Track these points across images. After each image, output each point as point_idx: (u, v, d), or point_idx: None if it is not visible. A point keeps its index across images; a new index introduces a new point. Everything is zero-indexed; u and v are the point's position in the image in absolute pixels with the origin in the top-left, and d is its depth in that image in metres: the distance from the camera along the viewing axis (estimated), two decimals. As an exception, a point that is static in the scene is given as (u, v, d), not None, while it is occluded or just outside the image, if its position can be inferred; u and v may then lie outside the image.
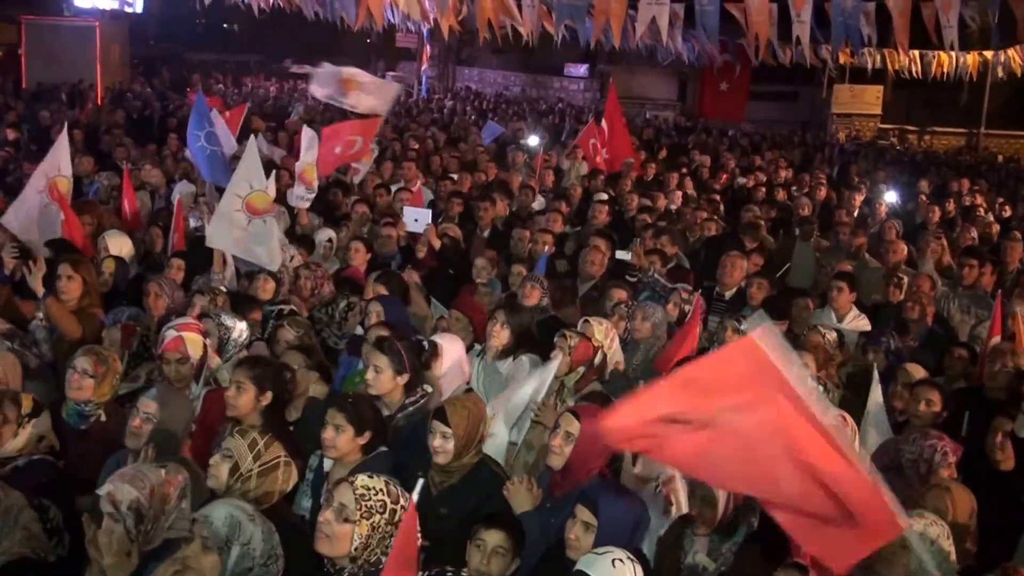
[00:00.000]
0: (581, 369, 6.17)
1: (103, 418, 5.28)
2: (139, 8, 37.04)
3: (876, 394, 6.19)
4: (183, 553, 3.64)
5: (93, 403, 5.26)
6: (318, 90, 14.06)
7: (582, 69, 41.57)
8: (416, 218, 9.77)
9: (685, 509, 4.84)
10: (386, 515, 3.75)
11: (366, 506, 3.73)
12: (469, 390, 6.02)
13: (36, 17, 31.83)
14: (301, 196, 10.30)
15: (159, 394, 4.92)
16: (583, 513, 4.27)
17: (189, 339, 5.72)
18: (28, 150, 15.01)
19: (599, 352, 6.33)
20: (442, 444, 4.77)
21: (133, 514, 3.76)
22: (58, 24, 32.00)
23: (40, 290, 6.54)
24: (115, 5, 35.02)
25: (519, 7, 15.04)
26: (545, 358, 6.69)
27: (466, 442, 4.80)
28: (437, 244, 9.46)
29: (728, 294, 8.98)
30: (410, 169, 13.38)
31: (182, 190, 11.91)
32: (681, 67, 31.63)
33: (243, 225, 8.34)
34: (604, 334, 6.52)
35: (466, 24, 15.79)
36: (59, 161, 9.05)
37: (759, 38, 13.41)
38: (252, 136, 9.24)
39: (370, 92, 13.53)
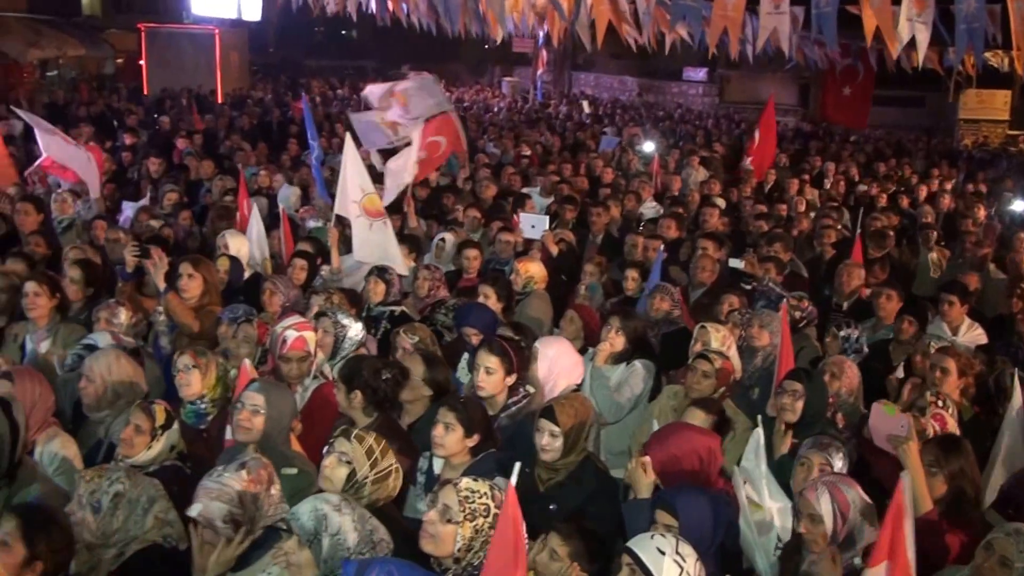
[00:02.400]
0: (722, 389, 6.09)
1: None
2: (258, 16, 37.87)
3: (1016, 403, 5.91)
4: (285, 547, 3.75)
5: (208, 399, 5.41)
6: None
7: (701, 73, 41.17)
8: (533, 224, 9.77)
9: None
10: (489, 519, 3.80)
11: (470, 508, 3.80)
12: (576, 390, 5.97)
13: (156, 25, 32.71)
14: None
15: (263, 387, 4.98)
16: (663, 517, 4.22)
17: (309, 338, 5.86)
18: (146, 154, 15.48)
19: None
20: (550, 442, 4.80)
21: (230, 525, 3.88)
22: (178, 32, 32.83)
23: (162, 285, 6.69)
24: (234, 13, 35.86)
25: (635, 13, 14.85)
26: (667, 367, 6.61)
27: (574, 440, 4.82)
28: (555, 251, 9.45)
29: (845, 303, 8.75)
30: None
31: (285, 194, 12.11)
32: (803, 71, 31.02)
33: (367, 228, 8.59)
34: (721, 341, 6.44)
35: (578, 32, 15.69)
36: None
37: (882, 39, 12.96)
38: (347, 137, 9.30)
39: (417, 95, 13.11)
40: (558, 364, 5.98)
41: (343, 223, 8.88)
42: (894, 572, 3.73)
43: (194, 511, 3.89)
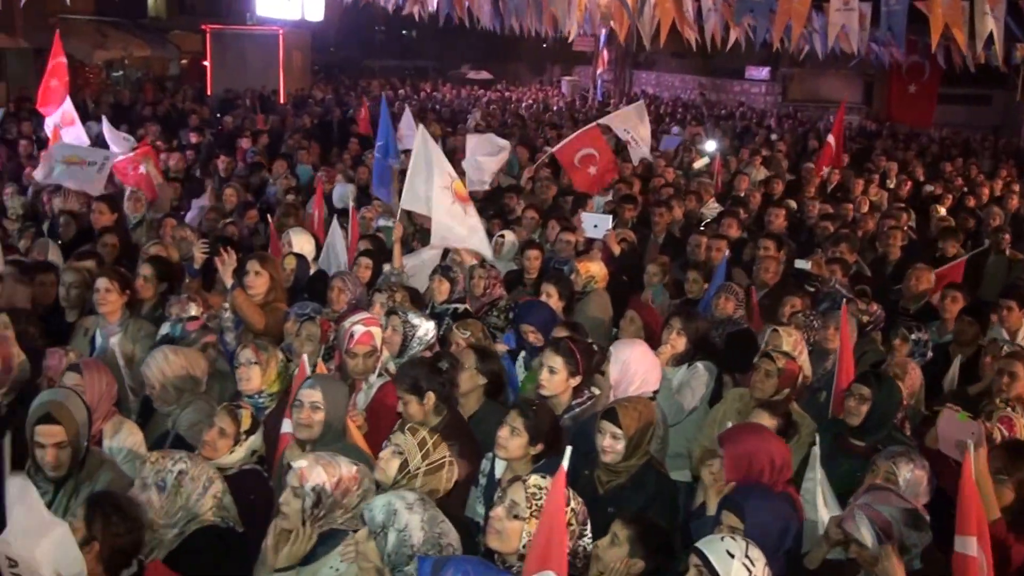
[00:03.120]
0: (786, 391, 6.00)
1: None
2: (321, 16, 38.27)
3: None
4: (356, 536, 3.82)
5: (266, 393, 5.52)
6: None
7: (764, 72, 40.81)
8: (596, 224, 9.73)
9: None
10: None
11: (537, 505, 3.82)
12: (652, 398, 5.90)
13: (220, 26, 33.21)
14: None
15: (318, 382, 5.05)
16: (729, 518, 4.21)
17: (376, 333, 5.88)
18: (211, 153, 15.71)
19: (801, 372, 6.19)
20: (612, 444, 4.79)
21: (314, 495, 3.99)
22: (242, 33, 33.30)
23: (229, 282, 6.79)
24: (298, 14, 36.25)
25: (699, 10, 14.72)
26: (731, 369, 6.52)
27: (636, 443, 4.79)
28: (617, 251, 9.40)
29: (913, 307, 8.61)
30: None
31: (341, 192, 12.18)
32: (867, 68, 30.59)
33: (462, 215, 8.44)
34: (793, 345, 6.37)
35: (640, 30, 15.59)
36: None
37: (951, 36, 12.71)
38: (421, 128, 9.19)
39: None
40: (631, 368, 5.85)
41: (412, 221, 8.89)
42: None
43: (300, 463, 4.02)
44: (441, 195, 8.39)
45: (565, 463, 3.48)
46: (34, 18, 26.49)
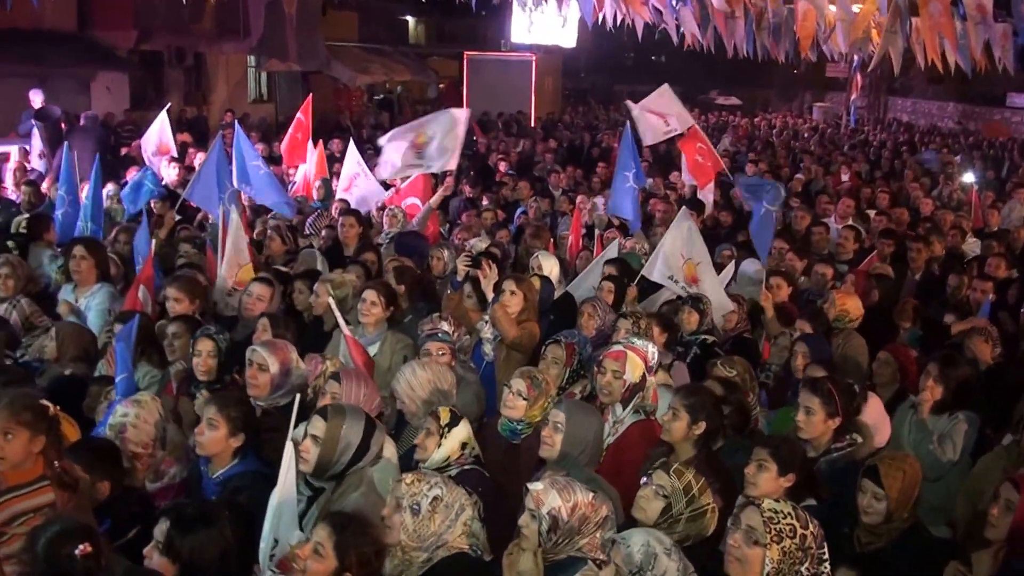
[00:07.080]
0: None
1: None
2: (573, 43, 39.03)
3: None
4: (601, 573, 3.74)
5: (525, 422, 5.53)
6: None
7: (1027, 99, 38.52)
8: None
9: None
10: (796, 539, 3.65)
11: (775, 529, 3.65)
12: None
13: (478, 53, 34.75)
14: None
15: (567, 405, 5.10)
16: None
17: (632, 359, 5.66)
18: (468, 175, 16.23)
19: None
20: (872, 505, 4.58)
21: (550, 520, 3.92)
22: (498, 59, 34.85)
23: (491, 295, 7.01)
24: (551, 41, 37.11)
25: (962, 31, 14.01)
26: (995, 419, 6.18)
27: (899, 504, 4.57)
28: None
29: None
30: (849, 206, 12.93)
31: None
32: None
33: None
34: None
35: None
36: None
37: None
38: (684, 210, 9.30)
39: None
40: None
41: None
42: None
43: (535, 486, 3.99)
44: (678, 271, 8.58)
45: None
46: (305, 44, 28.35)
